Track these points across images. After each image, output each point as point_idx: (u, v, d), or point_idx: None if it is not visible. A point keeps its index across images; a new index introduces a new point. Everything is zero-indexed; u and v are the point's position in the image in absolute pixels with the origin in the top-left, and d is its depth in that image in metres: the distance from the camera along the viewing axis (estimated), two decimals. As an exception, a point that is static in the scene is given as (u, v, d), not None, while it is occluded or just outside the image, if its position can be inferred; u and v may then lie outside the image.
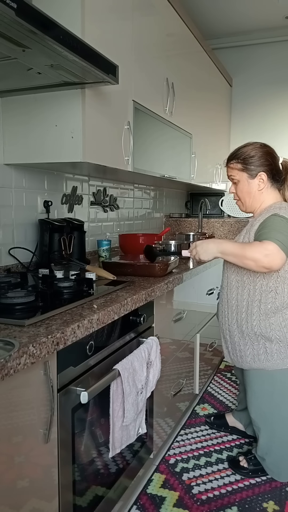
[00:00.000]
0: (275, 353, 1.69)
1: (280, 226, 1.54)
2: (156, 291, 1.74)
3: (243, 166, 1.69)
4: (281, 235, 1.50)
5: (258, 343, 1.71)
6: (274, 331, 1.68)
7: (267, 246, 1.48)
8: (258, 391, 1.81)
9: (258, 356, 1.72)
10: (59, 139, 1.72)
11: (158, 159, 2.46)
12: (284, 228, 1.53)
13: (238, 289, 1.73)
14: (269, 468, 1.88)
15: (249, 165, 1.68)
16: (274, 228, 1.54)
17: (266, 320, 1.68)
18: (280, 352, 1.69)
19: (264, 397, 1.80)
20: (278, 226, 1.54)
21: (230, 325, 1.79)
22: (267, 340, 1.69)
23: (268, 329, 1.68)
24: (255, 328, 1.69)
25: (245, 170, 1.69)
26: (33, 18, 1.08)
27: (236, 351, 1.80)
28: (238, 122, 4.17)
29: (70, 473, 1.25)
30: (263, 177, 1.69)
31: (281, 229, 1.53)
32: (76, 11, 1.61)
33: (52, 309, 1.27)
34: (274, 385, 1.76)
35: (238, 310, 1.74)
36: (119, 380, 1.43)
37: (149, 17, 2.23)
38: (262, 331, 1.69)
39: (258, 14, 3.49)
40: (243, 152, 1.70)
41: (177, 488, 1.85)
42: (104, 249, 2.33)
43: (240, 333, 1.75)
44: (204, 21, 3.60)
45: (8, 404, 0.99)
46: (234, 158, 1.72)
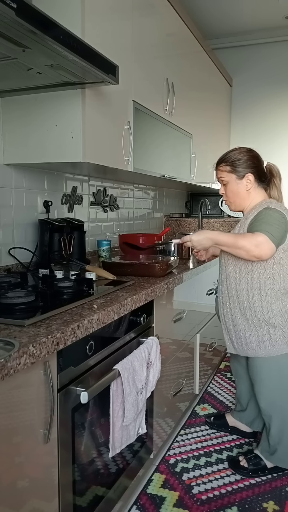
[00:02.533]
0: (279, 338, 1.76)
1: (271, 218, 1.67)
2: (156, 291, 1.74)
3: (231, 168, 1.81)
4: (271, 227, 1.64)
5: (262, 329, 1.77)
6: (276, 316, 1.75)
7: (257, 237, 1.61)
8: (266, 378, 1.84)
9: (263, 342, 1.78)
10: (59, 139, 1.72)
11: (158, 159, 2.46)
12: (274, 220, 1.66)
13: (236, 280, 1.81)
14: (281, 458, 1.89)
15: (237, 167, 1.81)
16: (266, 220, 1.67)
17: (268, 307, 1.75)
18: (283, 337, 1.75)
19: (273, 384, 1.83)
20: (269, 218, 1.67)
21: (233, 315, 1.85)
22: (271, 326, 1.76)
23: (270, 315, 1.75)
24: (259, 314, 1.77)
25: (234, 171, 1.81)
26: (33, 18, 1.08)
27: (241, 339, 1.84)
28: (238, 122, 4.17)
29: (70, 473, 1.25)
30: (250, 177, 1.80)
31: (272, 221, 1.66)
32: (76, 11, 1.61)
33: (52, 309, 1.27)
34: (281, 371, 1.80)
35: (239, 300, 1.81)
36: (119, 380, 1.43)
37: (149, 17, 2.23)
38: (265, 317, 1.76)
39: (258, 14, 3.49)
40: (231, 156, 1.83)
41: (177, 488, 1.85)
42: (104, 249, 2.33)
43: (245, 320, 1.81)
44: (204, 21, 3.60)
45: (8, 404, 0.99)
46: (223, 162, 1.84)
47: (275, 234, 1.63)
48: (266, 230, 1.62)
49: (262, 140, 4.05)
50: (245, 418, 2.23)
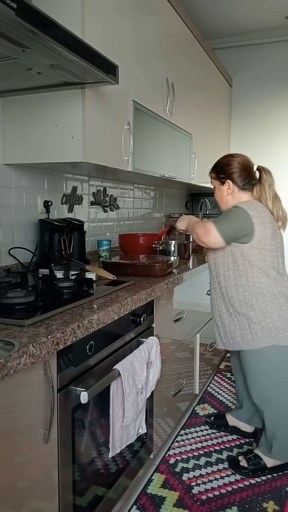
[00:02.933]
0: (259, 332, 1.82)
1: (229, 213, 1.82)
2: (156, 291, 1.74)
3: (216, 175, 1.98)
4: (223, 220, 1.80)
5: (244, 323, 1.86)
6: (254, 311, 1.83)
7: (206, 224, 1.80)
8: (255, 372, 1.89)
9: (246, 335, 1.86)
10: (59, 139, 1.72)
11: (158, 159, 2.46)
12: (231, 215, 1.81)
13: (218, 277, 1.94)
14: (278, 452, 1.92)
15: (219, 174, 1.96)
16: (223, 215, 1.85)
17: (246, 302, 1.84)
18: (263, 331, 1.82)
19: (262, 377, 1.88)
20: (227, 213, 1.84)
21: (220, 310, 1.96)
22: (249, 319, 1.84)
23: (249, 309, 1.84)
24: (238, 309, 1.86)
25: (217, 178, 1.98)
26: (33, 18, 1.08)
27: (227, 333, 1.93)
28: (238, 122, 4.17)
29: (70, 473, 1.25)
30: (230, 184, 1.93)
31: (228, 215, 1.82)
32: (76, 11, 1.61)
33: (52, 309, 1.27)
34: (269, 363, 1.85)
35: (222, 296, 1.93)
36: (119, 380, 1.43)
37: (149, 17, 2.23)
38: (243, 311, 1.85)
39: (258, 14, 3.49)
40: (217, 164, 1.99)
41: (177, 488, 1.85)
42: (104, 249, 2.33)
43: (229, 315, 1.91)
44: (204, 21, 3.60)
45: (8, 404, 0.99)
46: (212, 169, 2.02)
47: (224, 226, 1.78)
48: (217, 221, 1.79)
49: (262, 140, 4.06)
50: (242, 415, 2.24)
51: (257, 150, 4.06)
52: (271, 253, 1.82)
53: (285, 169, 3.95)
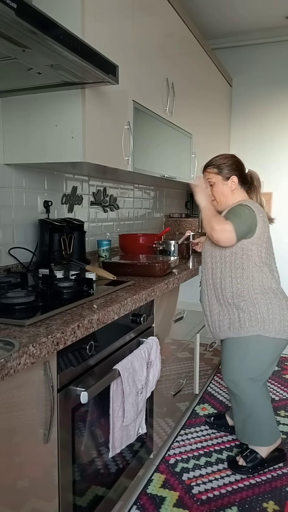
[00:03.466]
0: (247, 321, 1.90)
1: (241, 212, 1.86)
2: (156, 291, 1.74)
3: (218, 170, 2.01)
4: (239, 220, 1.84)
5: (234, 313, 1.93)
6: (245, 301, 1.90)
7: (226, 224, 1.82)
8: (231, 356, 1.98)
9: (234, 324, 1.94)
10: (59, 139, 1.72)
11: (158, 159, 2.46)
12: (243, 215, 1.85)
13: (213, 270, 1.98)
14: (251, 436, 2.01)
15: (223, 170, 2.00)
16: (235, 213, 1.87)
17: (238, 293, 1.91)
18: (250, 320, 1.90)
19: (236, 361, 1.97)
20: (239, 212, 1.87)
21: (210, 301, 2.02)
22: (240, 309, 1.92)
23: (240, 299, 1.91)
24: (229, 299, 1.94)
25: (220, 173, 2.01)
26: (33, 18, 1.08)
27: (215, 322, 2.01)
28: (238, 122, 4.16)
29: (70, 473, 1.25)
30: (235, 179, 2.00)
31: (241, 214, 1.86)
32: (76, 11, 1.61)
33: (52, 309, 1.27)
34: (246, 350, 1.93)
35: (215, 287, 1.99)
36: (119, 380, 1.43)
37: (149, 17, 2.23)
38: (234, 301, 1.92)
39: (258, 14, 3.49)
40: (217, 160, 2.03)
41: (177, 488, 1.85)
42: (104, 249, 2.33)
43: (219, 305, 1.99)
44: (204, 21, 3.59)
45: (8, 404, 0.99)
46: (211, 165, 2.04)
47: (240, 227, 1.83)
48: (233, 221, 1.82)
49: (262, 140, 4.05)
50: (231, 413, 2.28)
51: (257, 150, 4.06)
52: (266, 250, 1.92)
53: (285, 169, 3.95)
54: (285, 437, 2.25)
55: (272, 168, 3.99)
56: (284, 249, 3.82)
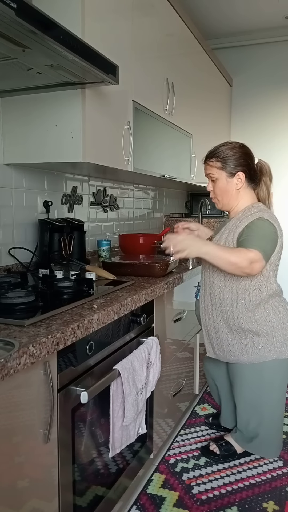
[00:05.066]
0: (263, 346, 1.75)
1: (265, 232, 1.63)
2: (156, 291, 1.74)
3: (222, 164, 1.74)
4: (265, 244, 1.60)
5: (246, 338, 1.77)
6: (261, 325, 1.74)
7: (250, 254, 1.55)
8: (247, 383, 1.85)
9: (246, 349, 1.77)
10: (59, 139, 1.72)
11: (158, 159, 2.46)
12: (267, 235, 1.62)
13: (220, 288, 1.78)
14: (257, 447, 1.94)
15: (228, 164, 1.73)
16: (259, 235, 1.61)
17: (251, 317, 1.74)
18: (266, 345, 1.75)
19: (254, 389, 1.85)
20: (262, 232, 1.62)
21: (215, 322, 1.83)
22: (255, 334, 1.75)
23: (255, 324, 1.74)
24: (243, 325, 1.75)
25: (224, 169, 1.74)
26: (33, 18, 1.08)
27: (222, 346, 1.83)
28: (238, 122, 4.16)
29: (70, 473, 1.25)
30: (241, 176, 1.74)
31: (265, 236, 1.62)
32: (76, 11, 1.61)
33: (52, 309, 1.27)
34: (262, 378, 1.81)
35: (222, 308, 1.78)
36: (119, 380, 1.43)
37: (149, 17, 2.23)
38: (249, 326, 1.74)
39: (258, 14, 3.49)
40: (222, 151, 1.74)
41: (177, 488, 1.85)
42: (104, 249, 2.33)
43: (228, 329, 1.79)
44: (204, 21, 3.59)
45: (8, 404, 0.99)
46: (214, 156, 1.76)
47: (268, 251, 1.60)
48: (260, 247, 1.57)
49: (262, 140, 4.05)
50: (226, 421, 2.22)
51: (257, 150, 4.02)
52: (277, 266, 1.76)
53: (284, 169, 3.95)
54: (285, 437, 2.25)
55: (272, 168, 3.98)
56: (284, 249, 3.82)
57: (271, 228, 1.65)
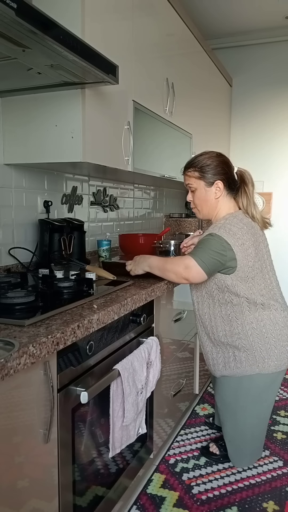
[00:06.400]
0: (244, 360, 1.76)
1: (208, 245, 1.65)
2: (156, 291, 1.74)
3: (200, 174, 1.75)
4: (203, 253, 1.64)
5: (228, 352, 1.79)
6: (240, 339, 1.74)
7: (184, 260, 1.65)
8: (223, 393, 1.88)
9: (229, 363, 1.80)
10: (59, 139, 1.72)
11: (158, 159, 2.46)
12: (210, 247, 1.64)
13: (199, 304, 1.83)
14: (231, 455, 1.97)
15: (206, 173, 1.74)
16: (201, 246, 1.67)
17: (231, 331, 1.75)
18: (248, 359, 1.75)
19: (228, 400, 1.87)
20: (206, 244, 1.66)
21: (201, 336, 1.90)
22: (235, 348, 1.76)
23: (234, 337, 1.75)
24: (222, 338, 1.78)
25: (202, 178, 1.75)
26: (33, 18, 1.08)
27: (209, 359, 1.89)
28: (238, 122, 4.16)
29: (70, 473, 1.25)
30: (220, 185, 1.74)
31: (207, 247, 1.65)
32: (76, 11, 1.61)
33: (52, 309, 1.27)
34: (237, 391, 1.82)
35: (203, 323, 1.84)
36: (119, 380, 1.43)
37: (149, 17, 2.23)
38: (228, 340, 1.76)
39: (258, 14, 3.49)
40: (199, 161, 1.76)
41: (177, 488, 1.85)
42: (104, 249, 2.33)
43: (211, 342, 1.84)
44: (204, 21, 3.59)
45: (8, 404, 0.99)
46: (192, 167, 1.77)
47: (205, 259, 1.62)
48: (196, 255, 1.64)
49: (262, 140, 4.05)
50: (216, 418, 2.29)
51: (257, 150, 4.06)
52: (254, 280, 1.70)
53: (284, 169, 3.95)
54: (285, 437, 2.25)
55: (272, 168, 3.99)
56: (284, 250, 3.82)
57: (218, 242, 1.64)
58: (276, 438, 2.24)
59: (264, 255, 1.78)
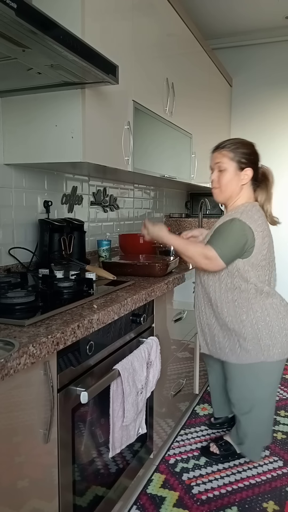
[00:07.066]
0: (250, 349, 1.77)
1: (230, 234, 1.66)
2: (156, 291, 1.74)
3: (234, 156, 1.74)
4: (225, 245, 1.66)
5: (234, 339, 1.80)
6: (246, 327, 1.75)
7: (208, 252, 1.66)
8: (241, 385, 1.87)
9: (235, 349, 1.80)
10: (59, 139, 1.72)
11: (158, 159, 2.46)
12: (232, 237, 1.66)
13: (209, 286, 1.82)
14: (247, 451, 1.98)
15: (240, 157, 1.74)
16: (224, 236, 1.68)
17: (237, 317, 1.76)
18: (254, 348, 1.77)
19: (247, 390, 1.86)
20: (228, 234, 1.67)
21: (208, 319, 1.87)
22: (241, 336, 1.77)
23: (240, 325, 1.76)
24: (229, 324, 1.78)
25: (235, 160, 1.74)
26: (33, 18, 1.08)
27: (215, 342, 1.87)
28: (238, 122, 4.16)
29: (70, 473, 1.25)
30: (249, 172, 1.76)
31: (229, 237, 1.66)
32: (76, 11, 1.61)
33: (52, 309, 1.27)
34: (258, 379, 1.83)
35: (212, 306, 1.83)
36: (119, 380, 1.43)
37: (149, 17, 2.23)
38: (235, 327, 1.77)
39: (258, 14, 3.49)
40: (237, 143, 1.76)
41: (177, 488, 1.85)
42: (104, 249, 2.33)
43: (219, 326, 1.84)
44: (204, 21, 3.59)
45: (8, 404, 0.99)
46: (227, 146, 1.76)
47: (226, 251, 1.65)
48: (218, 246, 1.65)
49: (262, 140, 4.03)
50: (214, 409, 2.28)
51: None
52: (264, 268, 1.73)
53: (284, 169, 3.95)
54: (285, 437, 2.25)
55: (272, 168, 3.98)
56: (284, 250, 3.82)
57: (239, 230, 1.66)
58: (276, 438, 2.24)
59: (272, 248, 1.81)
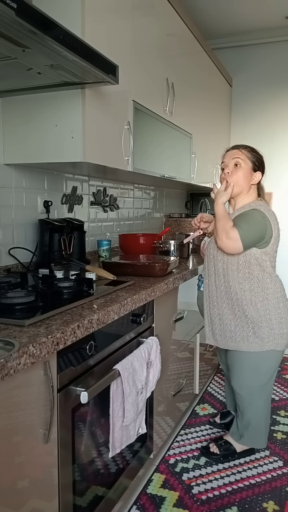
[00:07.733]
0: (263, 336, 1.86)
1: (253, 220, 1.79)
2: (156, 291, 1.74)
3: (252, 157, 1.92)
4: (248, 227, 1.76)
5: (248, 326, 1.87)
6: (261, 316, 1.85)
7: (232, 231, 1.75)
8: (244, 371, 1.95)
9: (247, 337, 1.88)
10: (59, 139, 1.72)
11: (158, 159, 2.46)
12: (255, 223, 1.78)
13: (225, 277, 1.88)
14: (247, 441, 2.04)
15: (255, 161, 1.93)
16: (247, 220, 1.79)
17: (253, 305, 1.85)
18: (266, 335, 1.86)
19: (250, 378, 1.95)
20: (251, 219, 1.79)
21: (220, 309, 1.93)
22: (255, 324, 1.86)
23: (256, 313, 1.85)
24: (246, 312, 1.86)
25: (252, 161, 1.92)
26: (33, 18, 1.08)
27: (225, 332, 1.93)
28: (238, 122, 4.16)
29: (70, 473, 1.25)
30: (258, 176, 1.94)
31: (252, 222, 1.78)
32: (76, 11, 1.61)
33: (52, 309, 1.27)
34: (259, 367, 1.92)
35: (228, 296, 1.89)
36: (119, 380, 1.43)
37: (149, 17, 2.23)
38: (252, 314, 1.85)
39: (258, 14, 3.49)
40: (253, 149, 1.96)
41: (177, 488, 1.85)
42: (104, 249, 2.33)
43: (232, 315, 1.90)
44: (204, 21, 3.59)
45: (8, 404, 0.99)
46: (248, 148, 1.95)
47: (248, 235, 1.75)
48: (242, 228, 1.75)
49: (262, 140, 4.05)
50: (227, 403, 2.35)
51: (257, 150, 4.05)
52: (273, 261, 1.89)
53: (284, 169, 3.95)
54: (285, 437, 2.25)
55: (272, 168, 3.98)
56: (284, 249, 3.82)
57: (261, 218, 1.79)
58: (276, 438, 2.24)
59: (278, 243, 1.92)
